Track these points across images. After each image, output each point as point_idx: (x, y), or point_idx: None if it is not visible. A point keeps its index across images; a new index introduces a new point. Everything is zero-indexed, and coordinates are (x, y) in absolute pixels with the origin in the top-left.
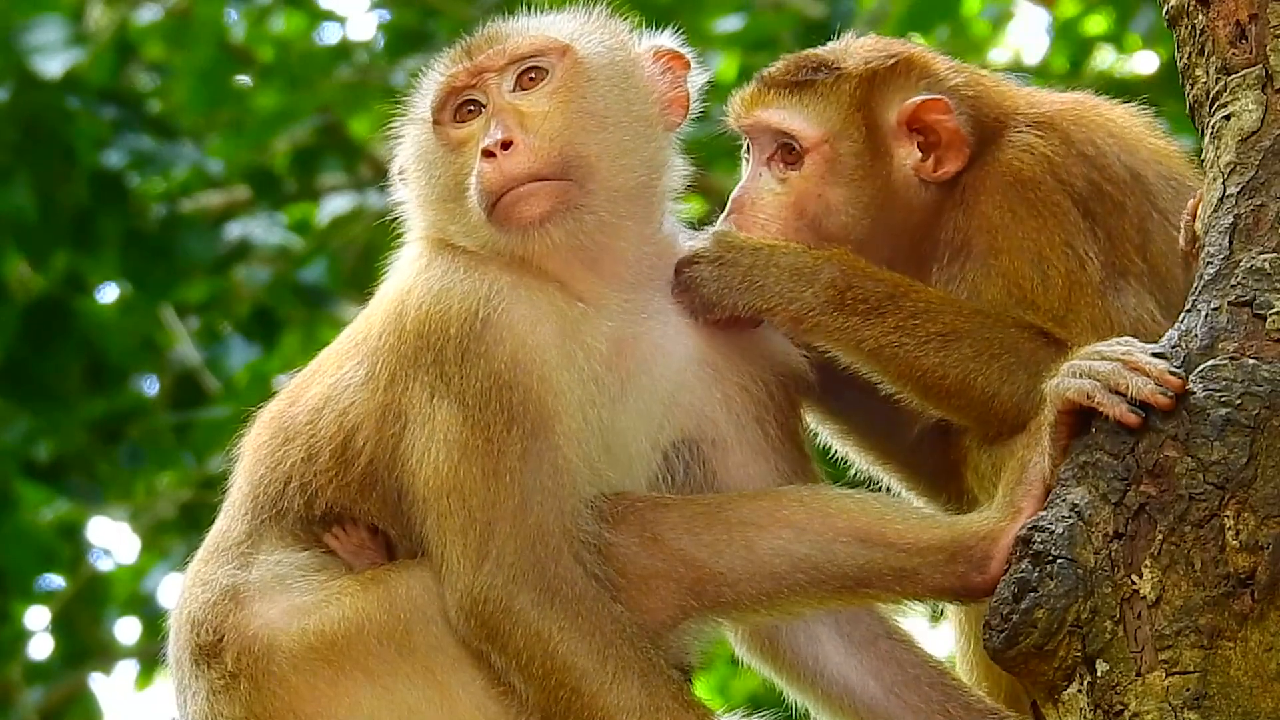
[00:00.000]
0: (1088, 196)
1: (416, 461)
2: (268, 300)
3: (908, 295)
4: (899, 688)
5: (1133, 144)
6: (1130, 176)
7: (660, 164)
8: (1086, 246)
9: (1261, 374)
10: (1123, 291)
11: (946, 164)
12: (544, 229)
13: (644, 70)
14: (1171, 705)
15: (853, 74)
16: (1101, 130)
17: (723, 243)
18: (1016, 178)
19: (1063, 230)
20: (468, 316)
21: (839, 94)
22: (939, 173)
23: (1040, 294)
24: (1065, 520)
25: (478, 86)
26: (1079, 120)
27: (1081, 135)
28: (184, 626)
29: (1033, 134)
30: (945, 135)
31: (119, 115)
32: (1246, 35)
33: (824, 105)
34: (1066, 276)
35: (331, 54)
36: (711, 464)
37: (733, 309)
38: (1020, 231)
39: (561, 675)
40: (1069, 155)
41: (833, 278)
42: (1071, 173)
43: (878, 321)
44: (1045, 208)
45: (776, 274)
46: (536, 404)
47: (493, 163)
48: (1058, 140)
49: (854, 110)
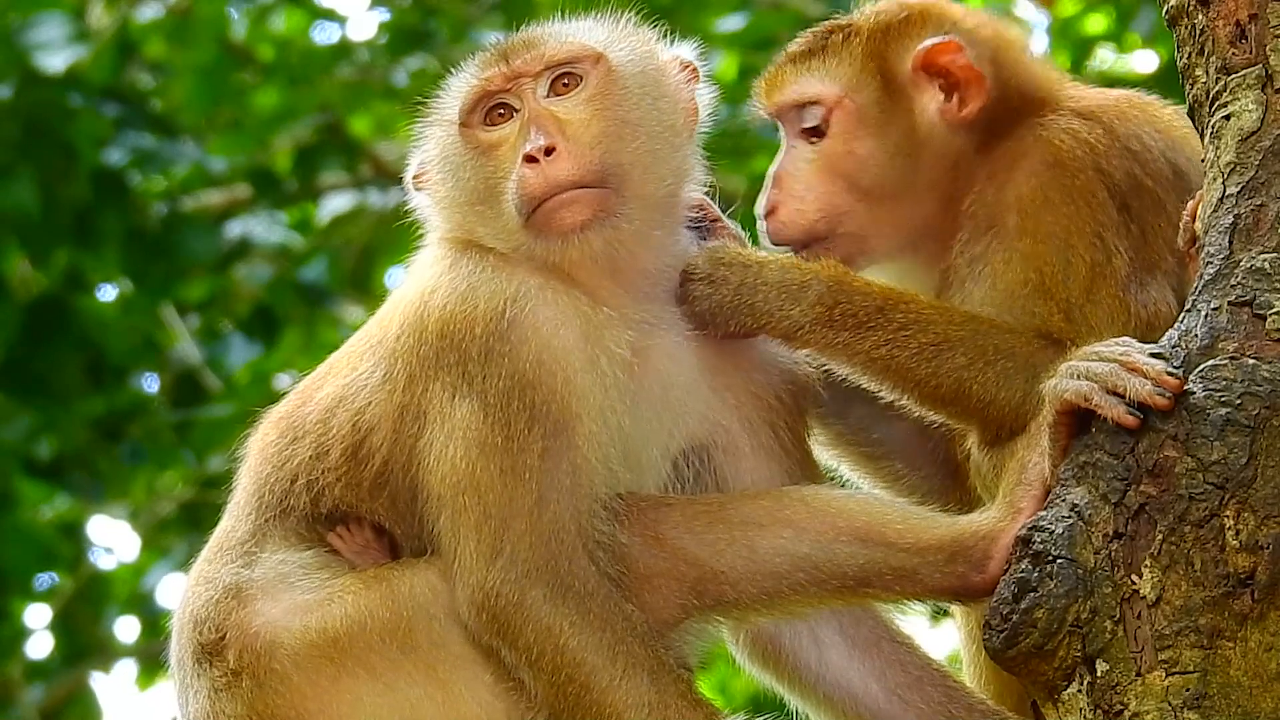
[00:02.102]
0: (1126, 190)
1: (434, 459)
2: (268, 299)
3: (897, 307)
4: (901, 690)
5: (1179, 143)
6: (1173, 174)
7: (685, 173)
8: (1117, 240)
9: (1261, 374)
10: (1147, 287)
11: (970, 102)
12: (584, 236)
13: (671, 79)
14: (1171, 705)
15: (863, 29)
16: (1148, 126)
17: (713, 260)
18: (1057, 159)
19: (1094, 221)
20: (494, 316)
21: (850, 50)
22: (964, 112)
23: (1059, 283)
24: (1065, 520)
25: (512, 91)
26: (1125, 115)
27: (1126, 129)
28: (187, 625)
29: (1077, 120)
30: (961, 74)
31: (120, 113)
32: (1246, 35)
33: (836, 63)
34: (1091, 268)
35: (332, 53)
36: (722, 470)
37: (726, 327)
38: (1051, 217)
39: (571, 671)
40: (1113, 146)
41: (820, 294)
42: (1113, 164)
43: (867, 335)
44: (1081, 196)
45: (765, 291)
46: (559, 404)
47: (535, 168)
48: (1101, 130)
49: (867, 60)
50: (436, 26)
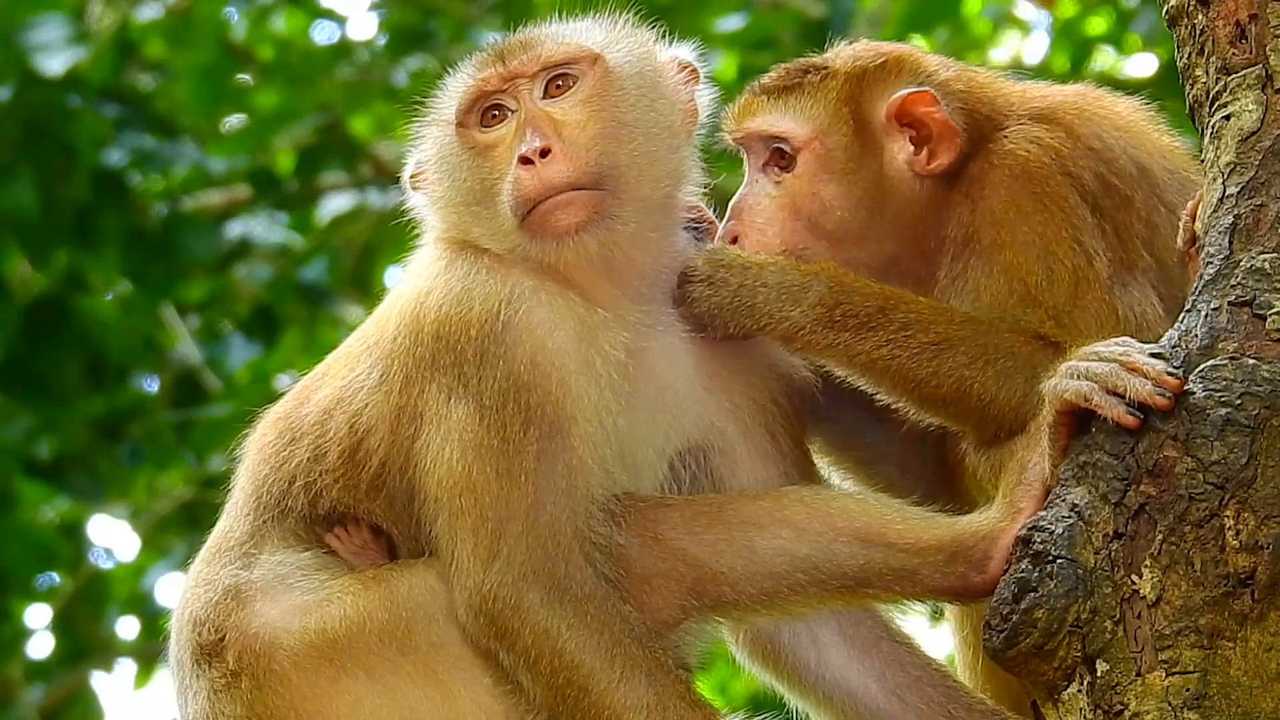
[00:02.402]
0: (1096, 191)
1: (431, 461)
2: (268, 299)
3: (898, 308)
4: (901, 690)
5: (1138, 137)
6: (1137, 170)
7: (683, 175)
8: (1094, 243)
9: (1261, 374)
10: (1129, 287)
11: (939, 156)
12: (579, 238)
13: (669, 81)
14: (1171, 705)
15: (840, 72)
16: (1107, 123)
17: (713, 261)
18: (1024, 169)
19: (1070, 225)
20: (488, 318)
21: (825, 92)
22: (933, 165)
23: (1045, 291)
24: (1065, 520)
25: (508, 92)
26: (1083, 113)
27: (1087, 129)
28: (186, 626)
29: (1038, 127)
30: (935, 127)
31: (120, 114)
32: (1246, 35)
33: (811, 104)
34: (1073, 273)
35: (332, 53)
36: (719, 472)
37: (725, 328)
38: (1026, 226)
39: (569, 673)
40: (1076, 148)
41: (820, 295)
42: (1080, 166)
43: (868, 336)
44: (1052, 202)
45: (765, 293)
46: (554, 406)
47: (531, 170)
48: (1063, 133)
49: (841, 105)
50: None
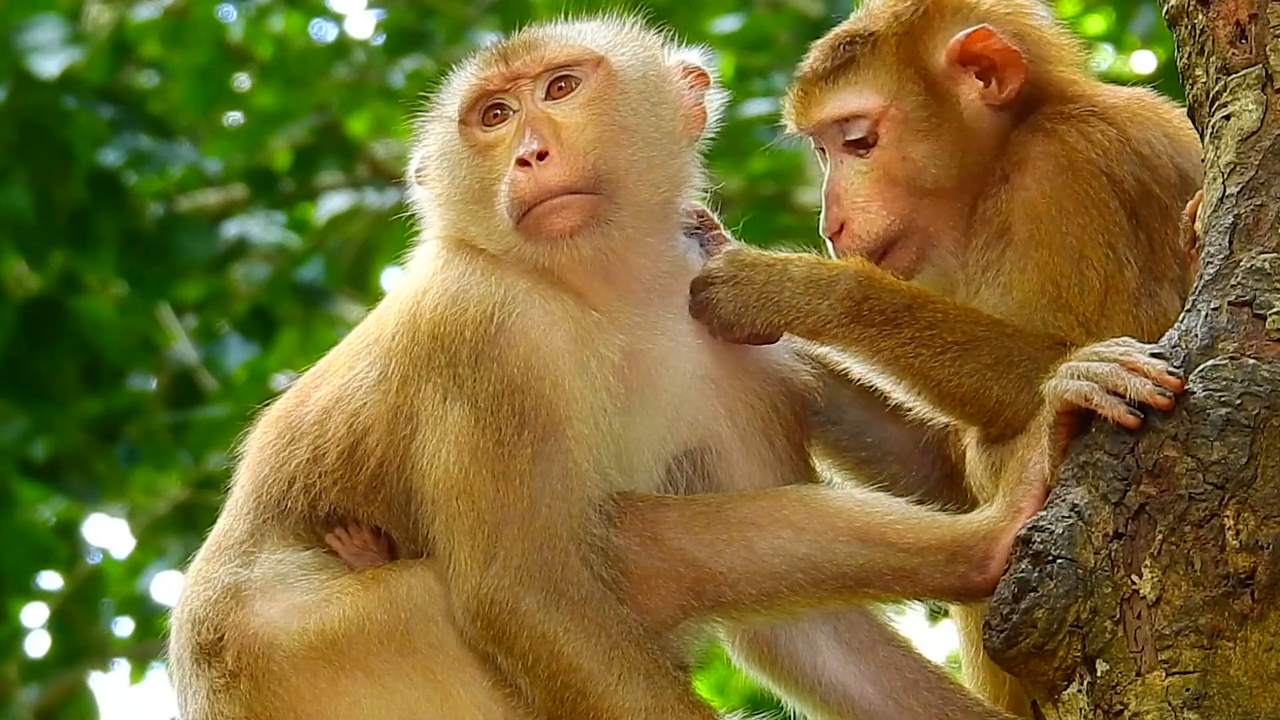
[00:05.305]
0: (1136, 198)
1: (427, 463)
2: (265, 299)
3: (925, 306)
4: (898, 693)
5: (1185, 146)
6: (1180, 180)
7: (683, 180)
8: (1128, 251)
9: (1261, 374)
10: (1155, 298)
11: (1009, 83)
12: (573, 242)
13: (673, 85)
14: (1171, 705)
15: (888, 34)
16: (1158, 129)
17: (735, 261)
18: (1070, 163)
19: (1106, 231)
20: (483, 320)
21: (882, 58)
22: (1005, 93)
23: (1076, 296)
24: (1065, 520)
25: (510, 91)
26: (1136, 117)
27: (1139, 134)
28: (185, 625)
29: (1095, 121)
30: (998, 57)
31: (116, 114)
32: (1246, 35)
33: (872, 74)
34: (1105, 280)
35: (329, 53)
36: (716, 475)
37: (751, 327)
38: (1065, 226)
39: (567, 676)
40: (1124, 151)
41: (849, 289)
42: (1124, 170)
43: (894, 333)
44: (1094, 204)
45: (792, 288)
46: (548, 408)
47: (527, 172)
48: (1116, 133)
49: (903, 67)
50: (434, 27)
